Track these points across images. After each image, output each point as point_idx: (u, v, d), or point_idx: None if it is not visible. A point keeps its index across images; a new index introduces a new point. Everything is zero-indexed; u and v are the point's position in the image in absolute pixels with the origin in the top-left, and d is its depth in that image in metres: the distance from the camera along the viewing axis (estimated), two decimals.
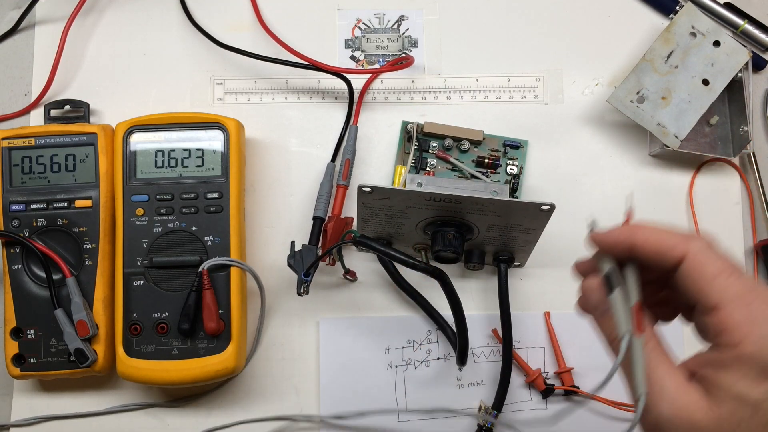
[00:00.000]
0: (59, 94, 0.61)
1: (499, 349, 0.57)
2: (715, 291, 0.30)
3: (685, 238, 0.32)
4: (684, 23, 0.58)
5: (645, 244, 0.32)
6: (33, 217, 0.54)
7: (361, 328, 0.58)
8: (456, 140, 0.59)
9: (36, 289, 0.54)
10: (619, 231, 0.34)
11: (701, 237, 0.32)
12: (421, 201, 0.48)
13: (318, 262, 0.53)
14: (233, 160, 0.55)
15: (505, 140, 0.60)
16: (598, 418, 0.57)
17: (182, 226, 0.54)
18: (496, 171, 0.59)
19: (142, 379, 0.53)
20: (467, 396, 0.57)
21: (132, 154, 0.55)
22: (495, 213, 0.49)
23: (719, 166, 0.61)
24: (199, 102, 0.61)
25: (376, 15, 0.63)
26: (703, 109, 0.57)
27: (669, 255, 0.32)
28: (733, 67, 0.58)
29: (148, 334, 0.53)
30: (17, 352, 0.54)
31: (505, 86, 0.62)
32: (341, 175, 0.57)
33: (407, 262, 0.45)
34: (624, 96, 0.57)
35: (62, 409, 0.57)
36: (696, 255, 0.31)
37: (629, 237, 0.33)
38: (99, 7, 0.63)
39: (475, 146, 0.59)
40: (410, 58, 0.61)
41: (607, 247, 0.34)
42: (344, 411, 0.56)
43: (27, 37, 0.62)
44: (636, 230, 0.33)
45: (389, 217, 0.51)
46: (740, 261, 0.59)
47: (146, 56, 0.62)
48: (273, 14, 0.62)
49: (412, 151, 0.59)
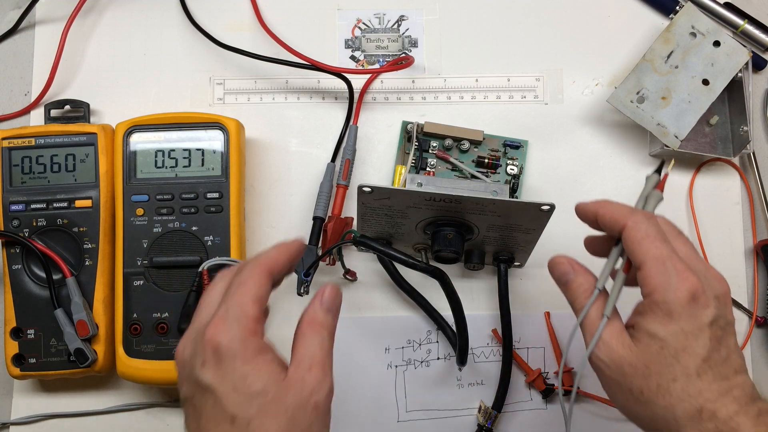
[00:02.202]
0: (59, 94, 0.61)
1: (498, 349, 0.57)
2: (641, 252, 0.37)
3: (631, 212, 0.39)
4: (684, 23, 0.58)
5: (604, 215, 0.39)
6: (33, 217, 0.54)
7: (361, 328, 0.58)
8: (456, 140, 0.59)
9: (36, 289, 0.54)
10: (591, 203, 0.41)
11: (645, 212, 0.39)
12: (421, 201, 0.48)
13: (318, 262, 0.53)
14: (233, 160, 0.55)
15: (505, 140, 0.60)
16: (598, 418, 0.57)
17: (182, 226, 0.54)
18: (496, 171, 0.59)
19: (142, 379, 0.53)
20: (467, 396, 0.57)
21: (132, 154, 0.55)
22: (495, 213, 0.49)
23: (719, 166, 0.61)
24: (199, 102, 0.61)
25: (376, 15, 0.63)
26: (703, 109, 0.57)
27: (617, 224, 0.39)
28: (733, 67, 0.58)
29: (148, 334, 0.53)
30: (17, 352, 0.54)
31: (505, 86, 0.62)
32: (341, 175, 0.57)
33: (407, 262, 0.45)
34: (624, 96, 0.57)
35: (62, 409, 0.57)
36: (634, 224, 0.38)
37: (596, 209, 0.40)
38: (99, 7, 0.63)
39: (475, 146, 0.59)
40: (410, 58, 0.61)
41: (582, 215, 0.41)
42: (344, 410, 0.56)
43: (27, 37, 0.62)
44: (601, 204, 0.40)
45: (389, 217, 0.51)
46: (740, 261, 0.60)
47: (146, 56, 0.62)
48: (273, 14, 0.62)
49: (412, 151, 0.59)
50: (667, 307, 0.36)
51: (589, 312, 0.39)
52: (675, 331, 0.36)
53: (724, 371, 0.36)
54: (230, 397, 0.34)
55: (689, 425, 0.35)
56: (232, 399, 0.34)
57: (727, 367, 0.36)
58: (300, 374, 0.35)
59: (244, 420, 0.33)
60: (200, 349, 0.35)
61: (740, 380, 0.36)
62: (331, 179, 0.58)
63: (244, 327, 0.35)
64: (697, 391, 0.35)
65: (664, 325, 0.36)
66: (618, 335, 0.38)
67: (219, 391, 0.34)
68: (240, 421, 0.33)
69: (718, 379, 0.35)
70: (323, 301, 0.38)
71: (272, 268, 0.38)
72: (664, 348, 0.36)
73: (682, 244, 0.39)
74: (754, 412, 0.35)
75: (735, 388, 0.36)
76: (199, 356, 0.35)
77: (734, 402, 0.35)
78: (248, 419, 0.33)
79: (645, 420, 0.37)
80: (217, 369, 0.34)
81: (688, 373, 0.35)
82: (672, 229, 0.40)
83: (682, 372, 0.35)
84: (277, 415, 0.33)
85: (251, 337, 0.35)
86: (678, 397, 0.35)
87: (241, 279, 0.37)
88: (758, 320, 0.58)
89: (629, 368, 0.37)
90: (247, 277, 0.37)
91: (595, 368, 0.39)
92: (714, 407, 0.35)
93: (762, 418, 0.35)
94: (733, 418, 0.34)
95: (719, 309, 0.36)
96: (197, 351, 0.35)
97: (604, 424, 0.57)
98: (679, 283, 0.36)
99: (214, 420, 0.34)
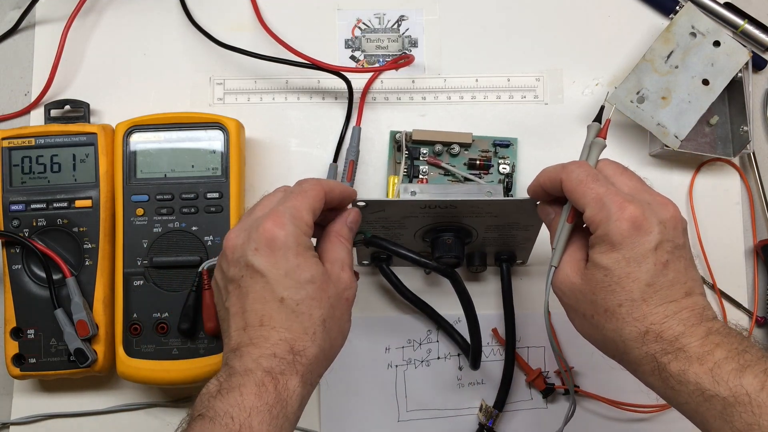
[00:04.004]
0: (59, 94, 0.61)
1: (499, 348, 0.57)
2: (579, 197, 0.38)
3: (563, 166, 0.40)
4: (684, 23, 0.58)
5: (545, 181, 0.41)
6: (33, 217, 0.54)
7: (362, 328, 0.58)
8: (446, 145, 0.59)
9: (36, 289, 0.54)
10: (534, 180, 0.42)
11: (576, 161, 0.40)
12: (417, 209, 0.48)
13: None
14: (233, 160, 0.55)
15: (495, 140, 0.60)
16: (598, 417, 0.57)
17: (182, 226, 0.54)
18: (488, 171, 0.59)
19: (142, 379, 0.53)
20: (468, 395, 0.57)
21: (132, 154, 0.55)
22: (492, 214, 0.49)
23: (719, 166, 0.61)
24: (199, 102, 0.61)
25: (376, 15, 0.63)
26: (703, 109, 0.57)
27: (556, 181, 0.40)
28: (733, 67, 0.58)
29: (148, 334, 0.53)
30: (17, 352, 0.54)
31: (505, 86, 0.62)
32: (345, 177, 0.57)
33: (419, 261, 0.46)
34: (624, 96, 0.57)
35: (62, 409, 0.57)
36: (567, 174, 0.39)
37: (538, 178, 0.42)
38: (99, 7, 0.63)
39: (465, 149, 0.59)
40: (411, 56, 0.61)
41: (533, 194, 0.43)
42: (345, 410, 0.56)
43: (27, 37, 0.62)
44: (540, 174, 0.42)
45: (387, 228, 0.51)
46: (740, 261, 0.60)
47: (146, 56, 0.62)
48: (273, 14, 0.62)
49: (403, 161, 0.58)
50: (610, 239, 0.37)
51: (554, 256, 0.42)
52: (617, 258, 0.37)
53: (672, 294, 0.37)
54: (282, 281, 0.38)
55: (635, 346, 0.37)
56: (283, 283, 0.38)
57: (675, 290, 0.37)
58: (337, 272, 0.41)
59: (292, 302, 0.38)
60: (255, 237, 0.39)
61: (689, 302, 0.37)
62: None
63: (298, 227, 0.39)
64: (642, 315, 0.37)
65: (607, 254, 0.37)
66: (575, 264, 0.40)
67: (271, 274, 0.38)
68: (288, 302, 0.38)
69: (664, 302, 0.37)
70: (349, 221, 0.44)
71: (329, 192, 0.42)
72: (608, 275, 0.37)
73: (627, 179, 0.40)
74: (702, 332, 0.36)
75: (683, 310, 0.37)
76: (252, 243, 0.39)
77: (681, 323, 0.36)
78: (297, 301, 0.38)
79: (599, 342, 0.40)
80: (270, 256, 0.38)
81: (632, 298, 0.37)
82: (615, 168, 0.40)
83: (627, 297, 0.37)
84: (321, 301, 0.39)
85: (303, 236, 0.39)
86: (624, 321, 0.37)
87: (303, 188, 0.41)
88: (758, 320, 0.58)
89: (580, 294, 0.39)
90: (309, 188, 0.41)
91: (557, 296, 0.42)
92: (659, 329, 0.36)
93: (710, 337, 0.36)
94: (678, 339, 0.36)
95: (663, 234, 0.37)
96: (252, 238, 0.39)
97: (604, 423, 0.57)
98: (619, 214, 0.37)
99: (262, 299, 0.38)
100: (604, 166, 0.41)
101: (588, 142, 0.42)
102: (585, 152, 0.42)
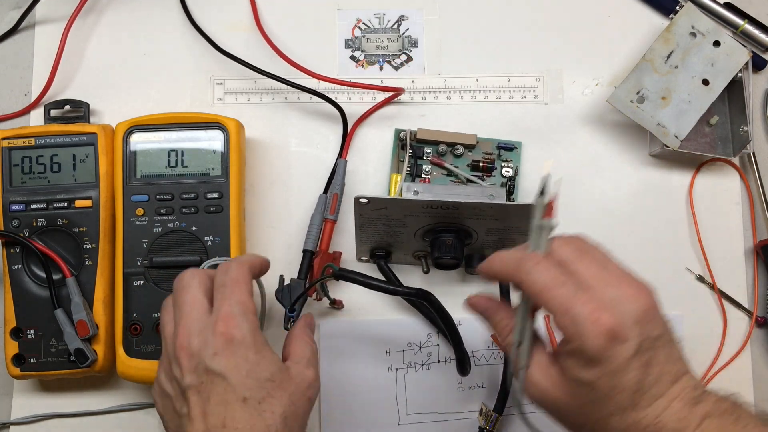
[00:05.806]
0: (59, 94, 0.61)
1: (500, 352, 0.57)
2: (544, 304, 0.37)
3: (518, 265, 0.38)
4: (684, 23, 0.58)
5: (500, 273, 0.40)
6: (33, 217, 0.54)
7: (362, 331, 0.58)
8: (450, 145, 0.59)
9: (36, 289, 0.54)
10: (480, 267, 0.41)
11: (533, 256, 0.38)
12: (419, 209, 0.48)
13: (305, 297, 0.52)
14: (233, 160, 0.55)
15: (499, 143, 0.59)
16: None
17: (182, 226, 0.54)
18: (491, 174, 0.59)
19: (142, 379, 0.53)
20: (468, 399, 0.57)
21: (132, 154, 0.55)
22: (493, 217, 0.49)
23: (719, 166, 0.61)
24: (199, 102, 0.61)
25: (376, 15, 0.63)
26: (703, 109, 0.57)
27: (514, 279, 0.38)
28: (733, 67, 0.58)
29: (148, 334, 0.53)
30: (17, 352, 0.54)
31: (505, 86, 0.62)
32: (329, 209, 0.56)
33: (388, 289, 0.47)
34: (624, 96, 0.57)
35: (62, 409, 0.57)
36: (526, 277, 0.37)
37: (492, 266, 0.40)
38: (99, 7, 0.63)
39: (469, 150, 0.59)
40: (400, 89, 0.60)
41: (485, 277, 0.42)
42: (345, 413, 0.56)
43: (27, 37, 0.62)
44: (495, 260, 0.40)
45: (387, 226, 0.51)
46: (740, 261, 0.60)
47: (146, 56, 0.62)
48: (273, 14, 0.62)
49: (406, 159, 0.58)
50: (586, 354, 0.35)
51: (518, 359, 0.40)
52: (599, 374, 0.36)
53: (659, 389, 0.36)
54: (243, 381, 0.39)
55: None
56: (245, 383, 0.39)
57: (662, 383, 0.36)
58: (300, 369, 0.42)
59: (254, 400, 0.39)
60: (212, 341, 0.40)
61: (677, 390, 0.36)
62: (322, 212, 0.57)
63: (252, 322, 0.41)
64: (634, 421, 0.36)
65: (586, 369, 0.36)
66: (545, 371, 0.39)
67: (233, 376, 0.39)
68: (251, 401, 0.39)
69: (654, 400, 0.36)
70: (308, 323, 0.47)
71: (253, 270, 0.45)
72: (593, 391, 0.36)
73: (588, 263, 0.37)
74: (696, 419, 0.35)
75: (673, 401, 0.36)
76: (209, 348, 0.40)
77: (674, 417, 0.36)
78: (259, 399, 0.39)
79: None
80: (230, 357, 0.39)
81: (623, 407, 0.36)
82: (572, 252, 0.38)
83: (617, 407, 0.36)
84: (282, 398, 0.40)
85: (258, 330, 0.41)
86: (618, 428, 0.36)
87: (235, 278, 0.43)
88: (758, 320, 0.58)
89: (565, 407, 0.38)
90: (240, 276, 0.43)
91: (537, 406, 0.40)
92: (656, 428, 0.36)
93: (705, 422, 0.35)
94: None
95: (641, 335, 0.35)
96: (208, 343, 0.40)
97: None
98: (592, 329, 0.35)
99: (224, 402, 0.39)
100: (558, 249, 0.38)
101: (535, 224, 0.39)
102: (534, 236, 0.39)
